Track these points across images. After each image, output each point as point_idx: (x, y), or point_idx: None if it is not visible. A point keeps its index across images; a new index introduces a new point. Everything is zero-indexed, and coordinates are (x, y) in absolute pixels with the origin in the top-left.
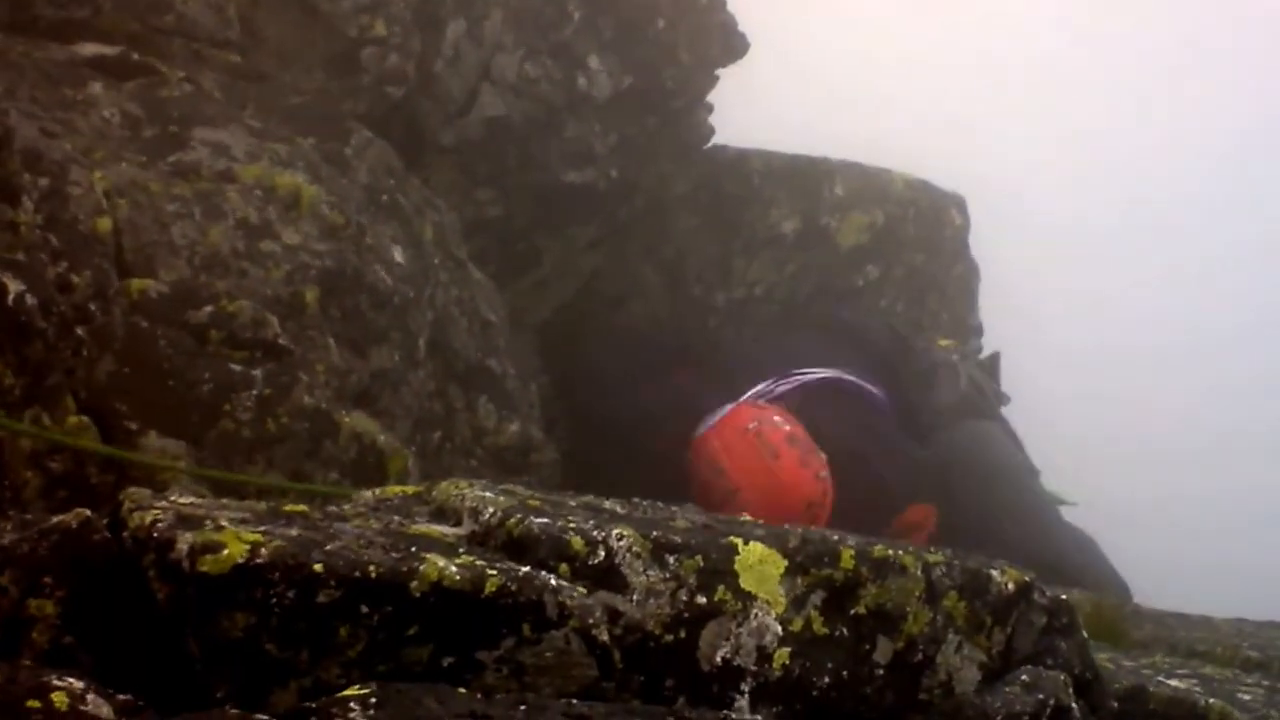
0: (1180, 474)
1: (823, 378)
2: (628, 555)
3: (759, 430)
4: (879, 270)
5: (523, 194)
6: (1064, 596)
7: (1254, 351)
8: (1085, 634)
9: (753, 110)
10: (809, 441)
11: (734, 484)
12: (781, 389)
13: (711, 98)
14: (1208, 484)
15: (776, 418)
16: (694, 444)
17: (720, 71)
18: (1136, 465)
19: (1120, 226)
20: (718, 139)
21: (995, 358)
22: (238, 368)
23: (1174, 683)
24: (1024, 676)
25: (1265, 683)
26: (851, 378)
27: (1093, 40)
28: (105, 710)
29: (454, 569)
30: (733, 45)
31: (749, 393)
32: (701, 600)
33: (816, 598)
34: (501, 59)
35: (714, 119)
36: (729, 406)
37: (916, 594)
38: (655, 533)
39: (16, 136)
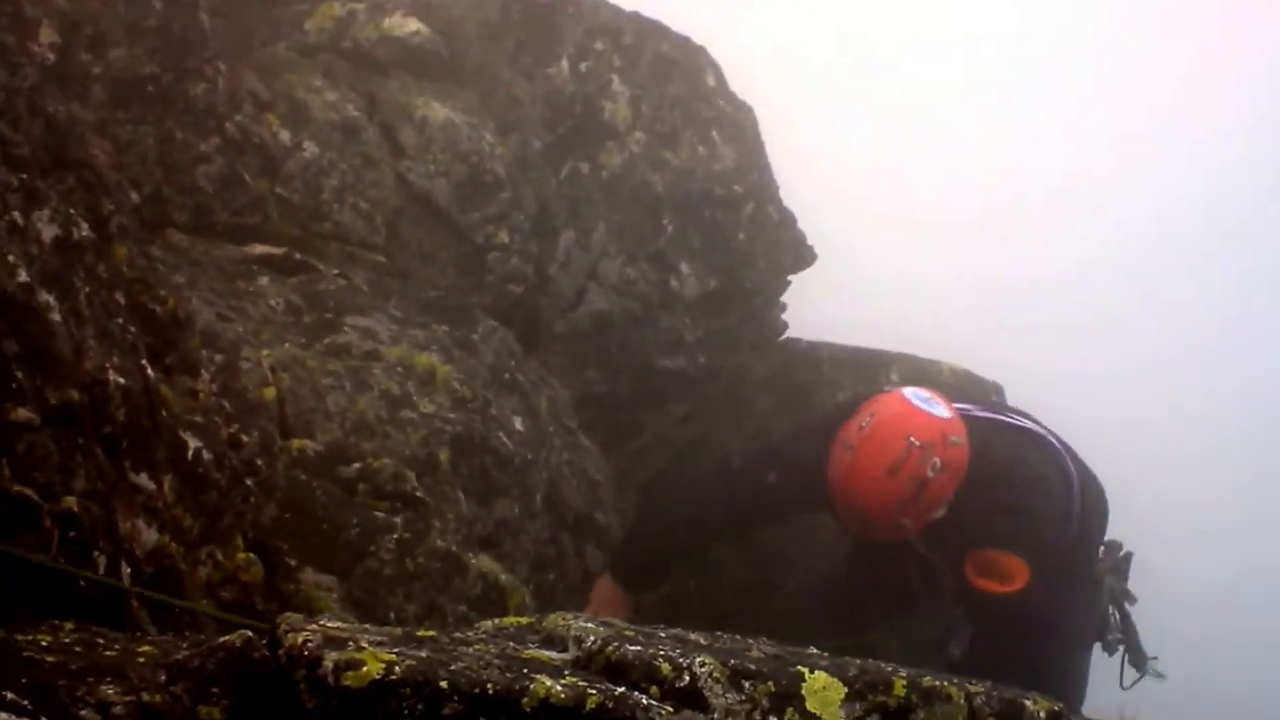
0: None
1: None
2: (709, 680)
3: None
4: None
5: (624, 375)
6: None
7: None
8: None
9: (822, 306)
10: None
11: None
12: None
13: (785, 298)
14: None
15: None
16: None
17: (792, 277)
18: None
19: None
20: (791, 332)
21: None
22: (381, 515)
23: None
24: None
25: None
26: None
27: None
28: None
29: (559, 688)
30: (802, 256)
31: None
32: None
33: None
34: (606, 264)
35: (787, 315)
36: None
37: (960, 718)
38: (733, 661)
39: (197, 320)
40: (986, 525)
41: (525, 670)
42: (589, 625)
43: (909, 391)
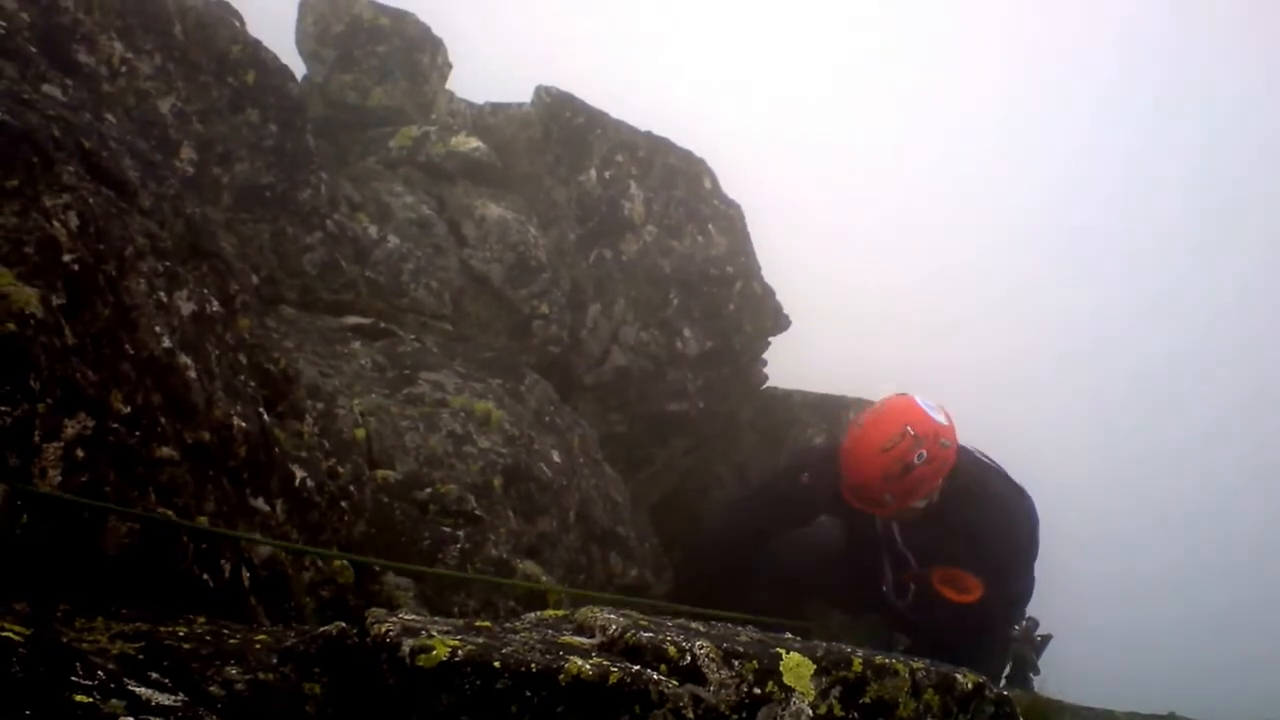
0: None
1: None
2: (706, 659)
3: None
4: None
5: (640, 418)
6: (1006, 694)
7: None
8: (1022, 719)
9: (797, 358)
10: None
11: None
12: None
13: (766, 355)
14: None
15: None
16: None
17: (771, 338)
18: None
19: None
20: (770, 382)
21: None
22: (447, 529)
23: None
24: None
25: None
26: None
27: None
28: None
29: (588, 666)
30: (779, 322)
31: None
32: (757, 691)
33: (836, 690)
34: (625, 329)
35: (767, 369)
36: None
37: (905, 689)
38: (725, 644)
39: (303, 376)
40: (959, 546)
41: (561, 652)
42: (611, 616)
43: (919, 396)
